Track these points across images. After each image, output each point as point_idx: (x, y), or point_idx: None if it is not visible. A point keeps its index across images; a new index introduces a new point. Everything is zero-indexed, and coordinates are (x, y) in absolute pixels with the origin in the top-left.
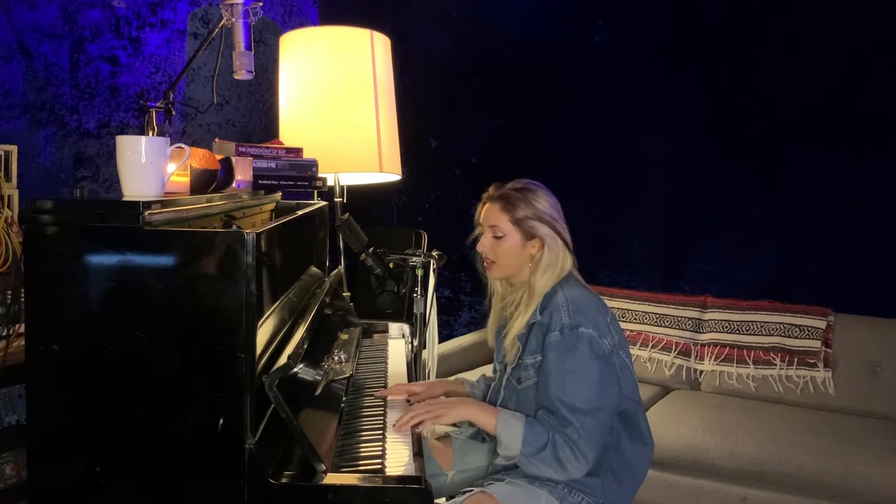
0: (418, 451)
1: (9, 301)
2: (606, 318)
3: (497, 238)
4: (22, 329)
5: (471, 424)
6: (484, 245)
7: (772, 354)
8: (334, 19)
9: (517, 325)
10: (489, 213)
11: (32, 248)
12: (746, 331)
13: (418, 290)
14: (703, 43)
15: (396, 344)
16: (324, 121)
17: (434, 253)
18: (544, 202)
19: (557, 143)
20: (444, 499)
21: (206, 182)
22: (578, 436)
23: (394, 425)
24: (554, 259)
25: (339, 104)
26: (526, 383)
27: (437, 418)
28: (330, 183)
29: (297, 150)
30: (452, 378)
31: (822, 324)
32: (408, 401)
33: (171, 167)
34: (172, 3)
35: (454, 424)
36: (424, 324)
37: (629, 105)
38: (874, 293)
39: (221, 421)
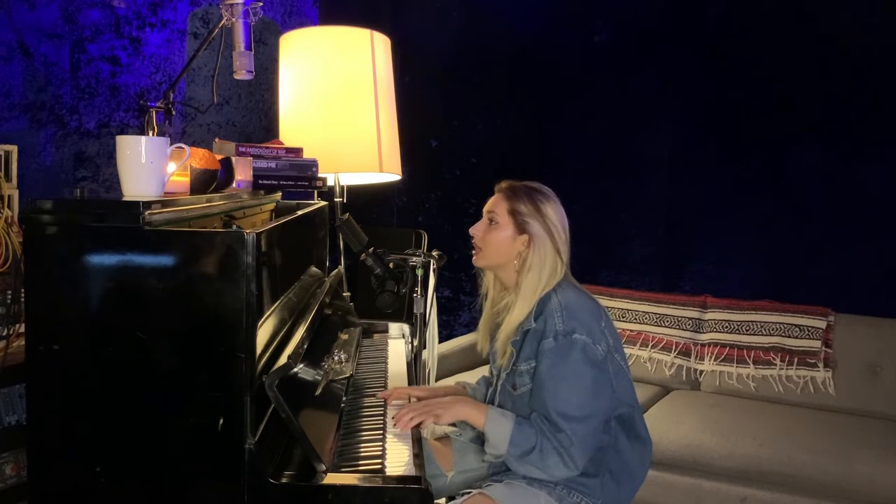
0: (418, 451)
1: (9, 301)
2: (601, 324)
3: (491, 224)
4: (22, 329)
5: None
6: (477, 228)
7: (772, 354)
8: (334, 19)
9: (506, 330)
10: (493, 201)
11: (32, 248)
12: (746, 331)
13: (418, 290)
14: (703, 43)
15: (396, 344)
16: (324, 121)
17: (434, 253)
18: (549, 208)
19: (557, 142)
20: (443, 500)
21: (206, 182)
22: (570, 443)
23: (394, 424)
24: (540, 261)
25: (339, 104)
26: (521, 390)
27: (436, 418)
28: (330, 183)
29: (297, 150)
30: (453, 381)
31: (822, 324)
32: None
33: (171, 167)
34: (172, 3)
35: (452, 424)
36: (424, 324)
37: (629, 105)
38: (874, 293)
39: (221, 421)
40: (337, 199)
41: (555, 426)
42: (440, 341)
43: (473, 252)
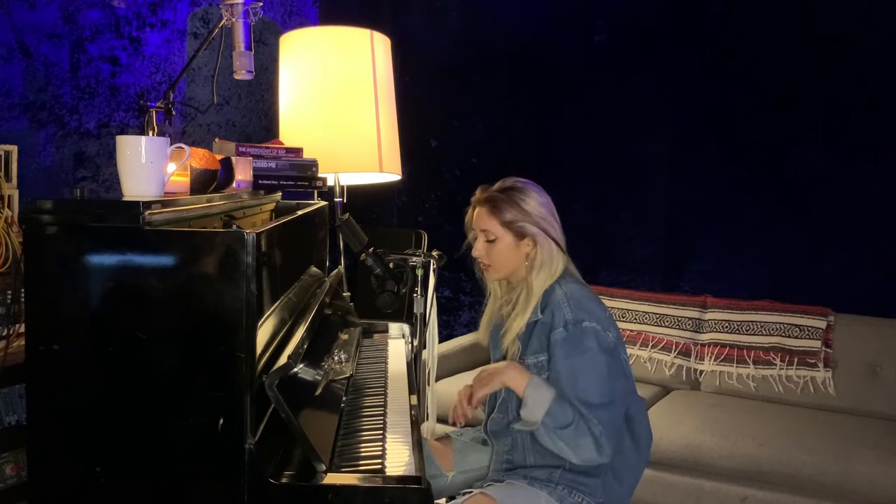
0: (418, 451)
1: (9, 301)
2: (606, 314)
3: (490, 242)
4: (22, 329)
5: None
6: (479, 250)
7: (772, 354)
8: (334, 19)
9: (517, 325)
10: (479, 218)
11: (32, 248)
12: (746, 331)
13: (418, 290)
14: (703, 42)
15: (396, 344)
16: (324, 121)
17: (434, 253)
18: (532, 201)
19: (557, 143)
20: (444, 500)
21: (206, 182)
22: (600, 431)
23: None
24: (547, 258)
25: (339, 104)
26: None
27: (484, 387)
28: (330, 183)
29: (297, 150)
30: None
31: (822, 324)
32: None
33: (171, 167)
34: (172, 3)
35: (453, 424)
36: (424, 324)
37: (629, 105)
38: (874, 293)
39: (221, 421)
40: (337, 199)
41: (581, 416)
42: (440, 341)
43: (484, 270)
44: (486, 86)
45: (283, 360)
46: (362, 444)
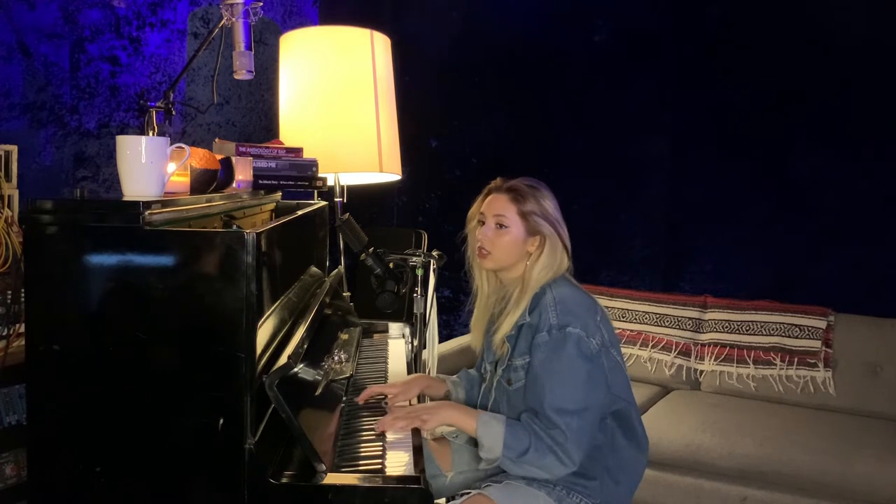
0: (418, 451)
1: (9, 301)
2: (596, 318)
3: (500, 228)
4: (22, 329)
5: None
6: (486, 234)
7: (772, 354)
8: (334, 19)
9: (507, 324)
10: (495, 203)
11: (32, 248)
12: (746, 331)
13: (418, 290)
14: (704, 42)
15: (396, 344)
16: (324, 121)
17: (434, 253)
18: (549, 203)
19: (557, 142)
20: (443, 500)
21: (206, 182)
22: (565, 438)
23: (377, 430)
24: (552, 260)
25: (339, 104)
26: (516, 385)
27: (422, 423)
28: (330, 183)
29: (297, 150)
30: (434, 375)
31: (822, 324)
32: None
33: (171, 167)
34: (172, 3)
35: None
36: (424, 324)
37: (629, 105)
38: (874, 293)
39: (221, 421)
40: (337, 199)
41: (548, 422)
42: (440, 341)
43: (479, 255)
44: (486, 86)
45: (283, 360)
46: (362, 444)
